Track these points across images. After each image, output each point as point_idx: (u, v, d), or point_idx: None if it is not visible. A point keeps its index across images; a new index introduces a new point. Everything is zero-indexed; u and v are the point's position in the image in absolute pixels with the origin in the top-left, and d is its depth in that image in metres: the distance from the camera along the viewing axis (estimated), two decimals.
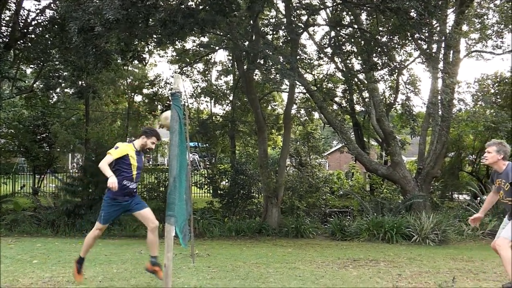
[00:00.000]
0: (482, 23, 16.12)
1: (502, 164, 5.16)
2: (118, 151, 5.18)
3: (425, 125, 15.40)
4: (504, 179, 5.07)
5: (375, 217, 12.58)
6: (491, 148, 5.19)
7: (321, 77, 17.93)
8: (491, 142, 5.31)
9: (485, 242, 12.01)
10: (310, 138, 19.02)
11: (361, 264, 7.64)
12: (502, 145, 5.19)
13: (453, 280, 6.03)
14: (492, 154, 5.18)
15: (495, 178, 5.29)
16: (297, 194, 15.90)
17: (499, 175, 5.18)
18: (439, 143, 14.22)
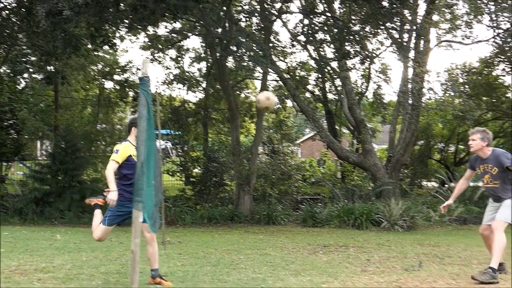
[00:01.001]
0: (452, 14, 16.36)
1: (486, 150, 5.40)
2: (121, 155, 4.84)
3: (395, 113, 15.62)
4: (491, 164, 5.33)
5: (346, 204, 12.76)
6: (475, 136, 5.42)
7: (294, 65, 17.96)
8: (475, 130, 5.54)
9: (451, 228, 12.34)
10: (282, 125, 19.07)
11: (331, 250, 7.76)
12: (485, 132, 5.44)
13: (419, 265, 6.18)
14: (477, 141, 5.40)
15: (477, 164, 5.52)
16: (270, 181, 15.97)
17: (483, 161, 5.42)
18: (408, 131, 14.46)
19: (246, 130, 21.31)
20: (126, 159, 4.84)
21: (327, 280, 5.22)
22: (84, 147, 16.85)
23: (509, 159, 5.28)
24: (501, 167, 5.29)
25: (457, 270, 5.84)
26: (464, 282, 5.12)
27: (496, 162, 5.33)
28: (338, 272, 5.74)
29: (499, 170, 5.30)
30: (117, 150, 4.91)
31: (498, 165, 5.31)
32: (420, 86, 13.90)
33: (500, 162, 5.30)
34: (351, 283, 5.07)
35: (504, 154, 5.39)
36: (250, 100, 20.81)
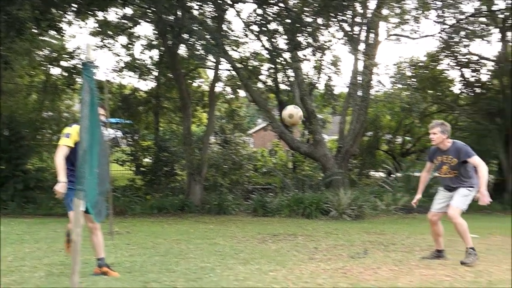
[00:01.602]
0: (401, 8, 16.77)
1: (447, 142, 5.62)
2: (72, 139, 4.42)
3: (345, 105, 15.92)
4: (451, 155, 5.56)
5: (296, 193, 12.93)
6: (436, 130, 5.61)
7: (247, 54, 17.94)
8: (434, 124, 5.72)
9: (397, 216, 12.74)
10: (235, 115, 19.07)
11: (280, 238, 7.85)
12: (444, 125, 5.66)
13: (364, 252, 6.36)
14: (438, 135, 5.60)
15: (435, 155, 5.75)
16: (221, 171, 15.98)
17: (443, 152, 5.64)
18: (358, 123, 14.77)
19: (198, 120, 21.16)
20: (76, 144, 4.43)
21: (275, 268, 5.28)
22: (29, 135, 16.25)
23: (468, 152, 5.53)
24: (460, 159, 5.53)
25: (400, 257, 6.04)
26: (406, 268, 5.30)
27: (456, 154, 5.56)
28: (286, 260, 5.81)
29: (458, 161, 5.54)
30: (68, 134, 4.52)
31: (458, 157, 5.54)
32: (369, 78, 14.22)
33: (460, 154, 5.53)
34: (299, 270, 5.14)
35: (465, 147, 5.62)
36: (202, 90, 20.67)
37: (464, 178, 5.59)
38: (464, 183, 5.59)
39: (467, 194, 5.58)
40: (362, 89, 14.45)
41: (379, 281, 4.62)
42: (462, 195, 5.57)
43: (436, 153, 5.77)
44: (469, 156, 5.52)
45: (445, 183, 5.80)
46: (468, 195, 5.59)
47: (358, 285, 4.43)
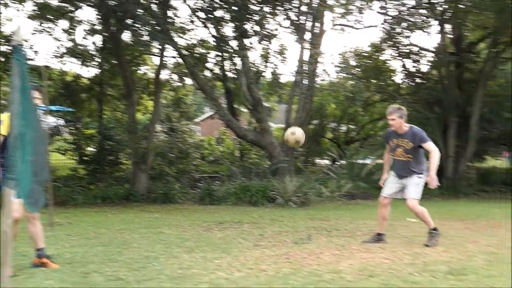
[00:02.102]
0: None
1: (404, 126, 5.84)
2: (5, 125, 4.15)
3: (291, 93, 16.06)
4: (407, 139, 5.79)
5: (243, 181, 12.97)
6: (394, 115, 5.81)
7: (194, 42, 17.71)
8: (392, 110, 5.87)
9: (340, 203, 13.04)
10: (181, 103, 18.83)
11: (226, 226, 7.86)
12: (401, 109, 5.86)
13: (308, 238, 6.47)
14: (396, 120, 5.80)
15: (391, 137, 5.97)
16: (167, 160, 15.76)
17: (399, 136, 5.86)
18: (303, 111, 14.97)
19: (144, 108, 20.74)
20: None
21: (220, 255, 5.29)
22: None
23: (424, 137, 5.80)
24: (415, 143, 5.78)
25: (343, 242, 6.19)
26: (348, 252, 5.45)
27: (412, 138, 5.80)
28: (231, 247, 5.83)
29: (414, 146, 5.78)
30: (0, 121, 4.31)
31: (413, 141, 5.78)
32: (314, 68, 14.41)
33: (416, 138, 5.78)
34: (243, 257, 5.17)
35: (421, 132, 5.87)
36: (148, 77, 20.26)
37: (415, 164, 5.83)
38: (414, 170, 5.82)
39: (418, 182, 5.84)
40: (308, 78, 14.63)
41: (321, 265, 4.73)
42: (415, 185, 5.83)
43: (392, 136, 5.98)
44: (424, 141, 5.78)
45: (397, 166, 6.01)
46: (420, 183, 5.85)
47: (301, 270, 4.51)
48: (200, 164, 18.00)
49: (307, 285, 3.95)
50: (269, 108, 17.58)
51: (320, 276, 4.25)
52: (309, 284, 4.00)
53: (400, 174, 5.97)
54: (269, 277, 4.26)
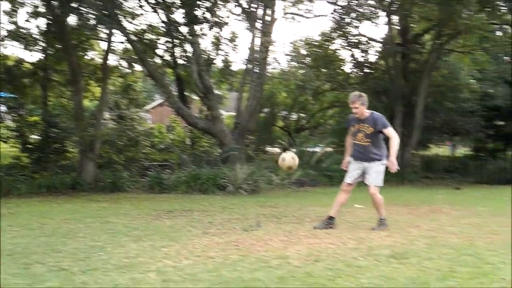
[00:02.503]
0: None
1: (365, 112, 6.01)
2: None
3: (242, 81, 16.06)
4: (368, 124, 5.96)
5: (193, 169, 12.90)
6: (357, 104, 5.96)
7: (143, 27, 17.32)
8: (354, 98, 6.00)
9: (290, 190, 13.23)
10: (130, 90, 18.42)
11: (176, 214, 7.80)
12: (362, 97, 6.02)
13: (257, 225, 6.53)
14: (359, 107, 5.96)
15: (353, 123, 6.14)
16: (116, 147, 15.43)
17: (360, 121, 6.02)
18: (254, 99, 15.00)
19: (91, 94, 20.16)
20: None
21: (169, 244, 5.25)
22: None
23: (385, 123, 6.00)
24: (376, 129, 5.95)
25: (291, 228, 6.28)
26: (296, 238, 5.53)
27: (373, 123, 5.97)
28: (180, 235, 5.80)
29: (374, 131, 5.96)
30: None
31: (374, 126, 5.96)
32: (265, 56, 14.44)
33: (377, 124, 5.96)
34: (192, 245, 5.15)
35: (382, 118, 6.05)
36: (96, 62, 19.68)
37: (375, 149, 6.01)
38: (374, 156, 6.01)
39: (380, 170, 6.04)
40: (259, 66, 14.65)
41: (269, 251, 4.78)
42: (377, 172, 6.03)
43: (354, 121, 6.15)
44: (385, 126, 5.97)
45: (357, 150, 6.16)
46: (381, 171, 6.06)
47: (249, 256, 4.55)
48: (150, 152, 17.72)
49: (255, 271, 3.98)
50: (220, 95, 17.48)
51: (268, 262, 4.30)
52: (256, 270, 4.03)
53: (360, 158, 6.14)
54: (217, 264, 4.26)
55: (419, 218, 7.30)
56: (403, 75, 18.41)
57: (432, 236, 5.64)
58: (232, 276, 3.86)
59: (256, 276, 3.83)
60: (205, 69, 15.46)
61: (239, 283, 3.65)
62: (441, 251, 4.74)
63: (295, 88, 20.63)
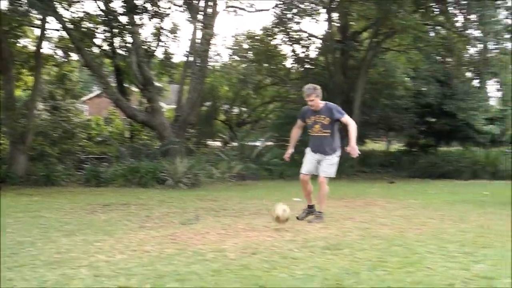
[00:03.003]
0: None
1: (320, 103, 6.09)
2: None
3: (183, 74, 15.88)
4: (324, 115, 6.05)
5: (132, 162, 12.64)
6: (312, 96, 6.02)
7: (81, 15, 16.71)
8: (309, 92, 6.03)
9: (231, 184, 13.25)
10: (66, 80, 17.75)
11: (112, 208, 7.62)
12: (317, 89, 6.07)
13: (196, 218, 6.49)
14: (315, 100, 6.03)
15: (308, 115, 6.19)
16: (50, 140, 14.84)
17: (316, 113, 6.10)
18: (195, 92, 14.88)
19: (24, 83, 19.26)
20: None
21: (103, 238, 5.12)
22: None
23: (341, 111, 6.11)
24: (333, 118, 6.05)
25: (229, 221, 6.29)
26: (234, 231, 5.54)
27: (329, 113, 6.06)
28: (115, 229, 5.67)
29: (331, 120, 6.06)
30: None
31: (331, 116, 6.05)
32: (206, 48, 14.34)
33: (333, 113, 6.05)
34: (127, 239, 5.05)
35: (337, 107, 6.16)
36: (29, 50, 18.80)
37: (332, 139, 6.13)
38: (331, 148, 6.13)
39: (334, 162, 6.18)
40: (200, 59, 14.53)
41: (206, 244, 4.76)
42: (331, 164, 6.15)
43: (309, 113, 6.19)
44: (342, 115, 6.08)
45: (315, 142, 6.23)
46: (335, 163, 6.20)
47: (186, 250, 4.51)
48: (87, 145, 17.20)
49: (190, 265, 3.96)
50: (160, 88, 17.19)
51: (204, 255, 4.28)
52: (192, 263, 4.01)
53: (317, 150, 6.22)
54: (152, 258, 4.20)
55: (354, 211, 7.52)
56: (342, 71, 18.86)
57: (365, 228, 5.82)
58: (167, 269, 3.81)
59: (191, 270, 3.80)
60: (145, 60, 15.16)
61: (174, 277, 3.61)
62: (373, 242, 4.90)
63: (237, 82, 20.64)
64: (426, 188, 12.20)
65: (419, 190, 11.79)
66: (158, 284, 3.43)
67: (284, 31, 19.53)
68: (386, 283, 3.42)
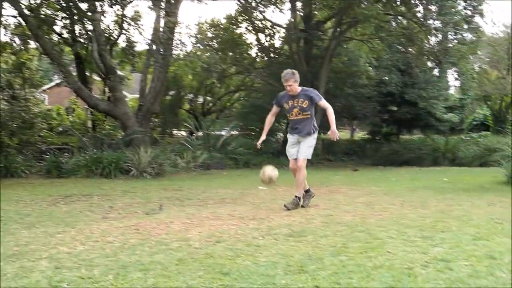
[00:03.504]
0: None
1: (297, 88, 6.19)
2: None
3: (146, 62, 15.64)
4: (302, 98, 6.16)
5: (94, 153, 12.41)
6: (291, 81, 6.10)
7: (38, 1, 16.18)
8: (288, 76, 6.11)
9: (196, 173, 13.20)
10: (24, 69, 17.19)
11: (74, 199, 7.48)
12: (295, 74, 6.16)
13: (160, 208, 6.44)
14: (293, 85, 6.12)
15: (284, 100, 6.30)
16: (8, 130, 14.37)
17: (293, 97, 6.20)
18: (158, 81, 14.68)
19: None
20: None
21: (64, 230, 5.02)
22: None
23: (319, 95, 6.28)
24: (312, 101, 6.19)
25: (194, 210, 6.27)
26: (198, 220, 5.53)
27: (307, 97, 6.18)
28: (77, 221, 5.57)
29: (310, 103, 6.20)
30: None
31: (309, 100, 6.18)
32: (169, 37, 14.15)
33: (312, 97, 6.18)
34: (89, 230, 4.97)
35: (314, 91, 6.35)
36: None
37: (311, 121, 6.27)
38: (310, 129, 6.27)
39: (312, 144, 6.33)
40: (163, 47, 14.34)
41: (170, 234, 4.74)
42: (309, 146, 6.29)
43: (286, 98, 6.29)
44: (320, 99, 6.23)
45: (294, 125, 6.35)
46: (313, 145, 6.35)
47: (149, 240, 4.47)
48: (48, 135, 16.77)
49: (154, 254, 3.93)
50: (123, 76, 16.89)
51: (168, 245, 4.26)
52: (155, 253, 3.98)
53: (297, 132, 6.33)
54: (115, 249, 4.15)
55: (318, 198, 7.59)
56: (306, 60, 18.97)
57: (328, 214, 5.90)
58: (130, 260, 3.77)
59: (155, 259, 3.78)
60: (107, 49, 14.85)
61: (137, 267, 3.58)
62: (336, 229, 4.98)
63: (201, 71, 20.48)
64: (389, 175, 12.45)
65: (382, 177, 12.04)
66: (121, 275, 3.39)
67: (249, 20, 19.47)
68: (348, 268, 3.49)
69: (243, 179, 11.31)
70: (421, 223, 5.22)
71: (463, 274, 3.28)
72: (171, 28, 14.26)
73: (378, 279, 3.20)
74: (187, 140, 16.97)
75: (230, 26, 20.18)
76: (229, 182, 10.35)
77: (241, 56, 21.32)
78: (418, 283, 3.10)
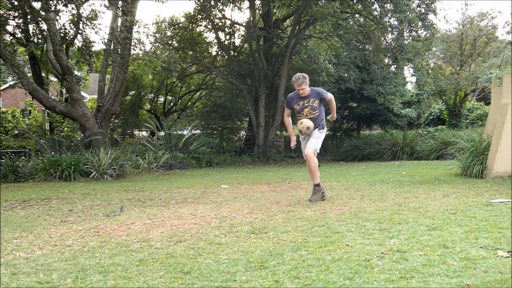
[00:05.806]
0: None
1: (308, 90, 6.49)
2: None
3: (105, 62, 15.37)
4: (313, 98, 6.48)
5: (52, 156, 12.13)
6: (303, 85, 6.39)
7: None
8: (300, 81, 6.38)
9: (158, 173, 13.09)
10: None
11: (31, 204, 7.31)
12: (305, 78, 6.45)
13: (120, 210, 6.38)
14: (305, 88, 6.41)
15: (294, 102, 6.58)
16: None
17: (303, 98, 6.48)
18: (117, 81, 14.46)
19: None
20: None
21: (21, 235, 4.91)
22: None
23: (325, 92, 6.60)
24: (320, 99, 6.52)
25: (155, 211, 6.24)
26: (159, 220, 5.51)
27: (317, 96, 6.51)
28: (35, 225, 5.45)
29: (318, 102, 6.53)
30: None
31: (319, 98, 6.52)
32: (126, 36, 13.95)
33: (322, 96, 6.52)
34: (47, 234, 4.88)
35: (321, 89, 6.71)
36: None
37: (320, 118, 6.60)
38: (319, 125, 6.58)
39: (320, 136, 6.62)
40: (120, 47, 14.13)
41: (131, 235, 4.71)
42: (317, 138, 6.58)
43: (296, 99, 6.58)
44: (327, 95, 6.59)
45: None
46: (321, 137, 6.64)
47: (109, 242, 4.43)
48: (3, 139, 16.28)
49: (114, 256, 3.90)
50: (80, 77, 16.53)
51: (128, 246, 4.23)
52: (116, 255, 3.95)
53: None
54: (74, 252, 4.09)
55: (279, 195, 7.69)
56: (266, 58, 19.07)
57: (290, 211, 5.98)
58: (90, 263, 3.74)
59: (115, 261, 3.75)
60: (62, 49, 14.50)
61: (97, 269, 3.54)
62: (296, 224, 5.06)
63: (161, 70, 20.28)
64: (349, 170, 12.69)
65: (342, 172, 12.25)
66: (80, 278, 3.35)
67: (208, 18, 19.41)
68: (308, 262, 3.56)
69: (205, 178, 11.30)
70: (379, 216, 5.36)
71: (417, 263, 3.40)
72: (128, 27, 14.06)
73: (336, 271, 3.28)
74: (148, 140, 16.80)
75: (189, 25, 20.06)
76: (192, 182, 10.32)
77: (202, 54, 21.24)
78: (374, 274, 3.20)
